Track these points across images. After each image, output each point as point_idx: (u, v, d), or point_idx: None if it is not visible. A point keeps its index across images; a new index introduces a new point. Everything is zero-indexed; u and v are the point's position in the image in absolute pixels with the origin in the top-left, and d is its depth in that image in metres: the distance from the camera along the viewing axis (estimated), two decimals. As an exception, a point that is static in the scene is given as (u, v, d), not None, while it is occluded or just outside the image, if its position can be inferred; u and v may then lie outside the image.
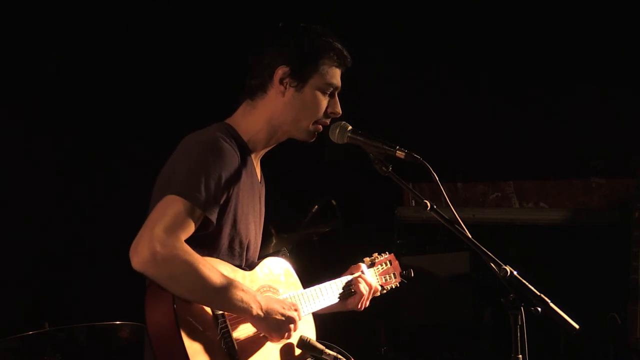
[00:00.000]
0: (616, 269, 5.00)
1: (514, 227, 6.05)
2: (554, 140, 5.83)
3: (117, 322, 3.97)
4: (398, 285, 3.67)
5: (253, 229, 3.04)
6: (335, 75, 3.02)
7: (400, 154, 2.76)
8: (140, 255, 2.54)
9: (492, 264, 2.53)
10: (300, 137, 3.05)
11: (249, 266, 3.00)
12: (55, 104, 5.16)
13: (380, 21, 5.99)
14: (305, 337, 3.00)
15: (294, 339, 2.98)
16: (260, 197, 3.10)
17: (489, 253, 2.55)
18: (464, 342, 6.05)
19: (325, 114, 3.02)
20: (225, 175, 2.77)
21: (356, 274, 3.42)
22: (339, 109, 3.04)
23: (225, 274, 2.71)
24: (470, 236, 2.62)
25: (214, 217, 2.73)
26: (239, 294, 2.70)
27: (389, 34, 6.02)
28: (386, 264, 3.63)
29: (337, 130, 2.94)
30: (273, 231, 4.89)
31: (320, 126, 3.03)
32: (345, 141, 2.95)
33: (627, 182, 5.48)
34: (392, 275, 3.64)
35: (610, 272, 5.15)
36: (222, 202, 2.78)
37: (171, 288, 2.59)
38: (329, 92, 3.01)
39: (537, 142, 5.87)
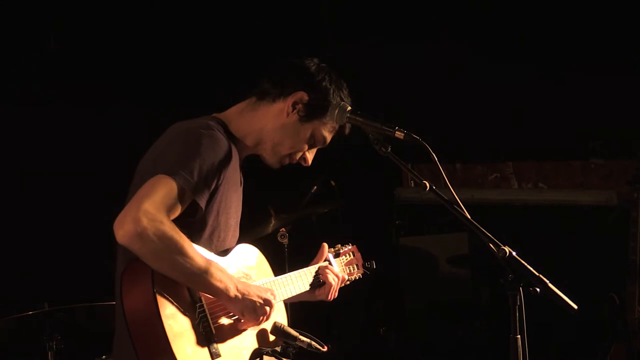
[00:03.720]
0: (615, 250, 5.01)
1: (512, 208, 6.06)
2: (553, 122, 5.83)
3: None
4: (361, 277, 3.65)
5: (233, 224, 3.04)
6: (331, 134, 3.10)
7: (399, 134, 2.75)
8: (125, 229, 2.55)
9: (491, 245, 2.53)
10: (270, 160, 3.09)
11: (223, 253, 2.99)
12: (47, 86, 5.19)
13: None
14: (279, 323, 3.01)
15: (268, 326, 2.99)
16: (240, 196, 3.10)
17: (488, 233, 2.55)
18: (462, 323, 6.07)
19: (298, 156, 3.11)
20: (217, 164, 2.78)
21: (322, 264, 3.40)
22: (309, 162, 3.14)
23: None
24: (469, 217, 2.62)
25: (203, 203, 2.74)
26: (218, 274, 2.71)
27: (388, 13, 6.00)
28: (350, 255, 3.62)
29: (337, 111, 2.94)
30: (272, 211, 4.89)
31: (288, 161, 3.10)
32: (345, 122, 2.95)
33: (625, 163, 5.48)
34: (355, 266, 3.62)
35: (609, 253, 5.16)
36: (211, 190, 2.79)
37: (154, 263, 2.60)
38: (315, 142, 3.09)
39: (537, 123, 5.86)
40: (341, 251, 3.57)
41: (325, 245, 3.47)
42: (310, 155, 3.15)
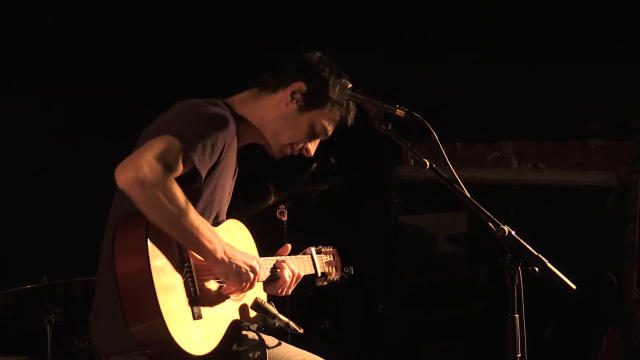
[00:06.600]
0: (613, 231, 5.02)
1: (512, 188, 6.06)
2: (554, 102, 5.82)
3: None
4: (338, 280, 3.64)
5: (224, 207, 3.07)
6: (331, 125, 3.15)
7: (400, 112, 2.75)
8: (127, 174, 2.59)
9: (490, 224, 2.53)
10: (271, 150, 3.16)
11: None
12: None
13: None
14: (260, 299, 3.02)
15: (249, 300, 3.00)
16: (233, 180, 3.12)
17: (487, 212, 2.55)
18: (460, 301, 6.08)
19: (300, 147, 3.15)
20: (222, 138, 2.80)
21: (281, 258, 3.25)
22: (311, 152, 3.18)
23: None
24: (468, 195, 2.62)
25: (203, 171, 2.76)
26: (208, 235, 2.74)
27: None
28: (330, 256, 3.62)
29: (337, 88, 2.93)
30: (271, 188, 4.88)
31: (289, 151, 3.15)
32: (346, 99, 2.95)
33: (625, 144, 5.48)
34: (334, 268, 3.63)
35: (607, 234, 5.17)
36: (212, 163, 2.81)
37: (149, 212, 2.63)
38: (316, 133, 3.13)
39: (537, 103, 5.85)
40: (323, 250, 3.58)
41: (289, 245, 3.37)
42: (312, 146, 3.18)
